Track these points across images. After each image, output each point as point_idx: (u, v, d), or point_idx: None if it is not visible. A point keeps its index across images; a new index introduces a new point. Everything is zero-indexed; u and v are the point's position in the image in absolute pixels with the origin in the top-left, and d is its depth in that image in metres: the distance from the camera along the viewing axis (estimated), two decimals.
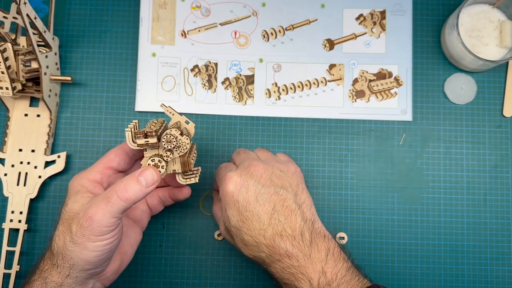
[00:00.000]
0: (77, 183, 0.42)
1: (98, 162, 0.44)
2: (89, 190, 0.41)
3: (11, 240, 0.51)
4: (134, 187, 0.38)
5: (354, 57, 0.56)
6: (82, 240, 0.37)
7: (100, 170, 0.43)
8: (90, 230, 0.37)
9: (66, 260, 0.38)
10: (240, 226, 0.41)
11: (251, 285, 0.53)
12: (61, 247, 0.38)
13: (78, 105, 0.55)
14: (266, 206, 0.41)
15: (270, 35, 0.56)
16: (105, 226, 0.37)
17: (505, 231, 0.53)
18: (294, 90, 0.55)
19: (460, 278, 0.53)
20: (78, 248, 0.38)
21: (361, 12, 0.56)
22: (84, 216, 0.37)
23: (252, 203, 0.41)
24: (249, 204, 0.41)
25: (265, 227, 0.40)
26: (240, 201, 0.41)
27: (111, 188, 0.39)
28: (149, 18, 0.56)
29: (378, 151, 0.55)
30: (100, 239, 0.38)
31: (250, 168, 0.43)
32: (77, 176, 0.43)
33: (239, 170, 0.43)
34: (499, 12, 0.53)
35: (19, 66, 0.49)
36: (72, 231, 0.38)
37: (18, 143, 0.53)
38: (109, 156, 0.44)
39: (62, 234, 0.39)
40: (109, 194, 0.38)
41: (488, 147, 0.55)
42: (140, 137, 0.39)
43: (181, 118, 0.43)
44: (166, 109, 0.43)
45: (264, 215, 0.41)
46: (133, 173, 0.39)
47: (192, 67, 0.55)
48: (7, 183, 0.52)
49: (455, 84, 0.55)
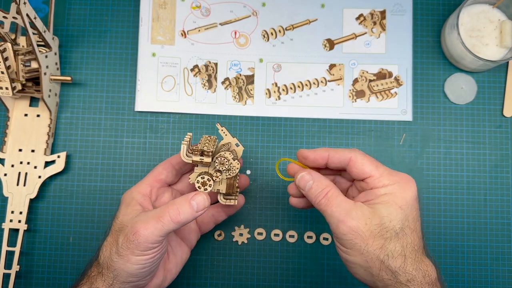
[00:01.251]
0: (128, 196, 0.43)
1: (148, 175, 0.45)
2: (139, 202, 0.42)
3: (11, 240, 0.51)
4: (186, 210, 0.39)
5: (354, 57, 0.56)
6: (126, 252, 0.38)
7: (149, 183, 0.44)
8: (136, 244, 0.38)
9: (110, 271, 0.39)
10: (406, 233, 0.37)
11: (251, 285, 0.53)
12: (106, 257, 0.40)
13: (78, 105, 0.55)
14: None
15: (270, 35, 0.56)
16: (150, 242, 0.38)
17: (505, 231, 0.53)
18: (294, 90, 0.55)
19: (460, 278, 0.53)
20: (122, 260, 0.38)
21: (361, 12, 0.56)
22: (132, 230, 0.38)
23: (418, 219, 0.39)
24: (420, 218, 0.39)
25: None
26: (418, 209, 0.39)
27: (163, 208, 0.39)
28: (149, 18, 0.56)
29: (378, 151, 0.55)
30: (143, 253, 0.38)
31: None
32: (129, 190, 0.44)
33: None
34: (499, 12, 0.53)
35: (19, 66, 0.49)
36: (118, 243, 0.39)
37: (18, 143, 0.53)
38: (158, 169, 0.45)
39: (109, 245, 0.40)
40: (161, 214, 0.39)
41: (488, 147, 0.55)
42: (196, 154, 0.41)
43: (232, 140, 0.44)
44: (220, 129, 0.44)
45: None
46: (186, 196, 0.40)
47: (192, 67, 0.55)
48: (7, 183, 0.52)
49: (455, 84, 0.55)
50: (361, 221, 0.37)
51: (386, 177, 0.38)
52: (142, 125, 0.55)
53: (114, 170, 0.54)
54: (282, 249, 0.53)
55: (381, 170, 0.39)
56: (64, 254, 0.53)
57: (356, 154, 0.40)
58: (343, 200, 0.38)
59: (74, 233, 0.53)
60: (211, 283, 0.53)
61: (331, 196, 0.39)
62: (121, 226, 0.40)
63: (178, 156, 0.45)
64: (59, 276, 0.53)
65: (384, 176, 0.38)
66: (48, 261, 0.53)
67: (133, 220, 0.39)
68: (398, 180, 0.38)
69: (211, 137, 0.44)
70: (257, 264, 0.53)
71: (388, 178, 0.38)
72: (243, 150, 0.45)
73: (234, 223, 0.53)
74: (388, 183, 0.38)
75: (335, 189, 0.39)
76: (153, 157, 0.54)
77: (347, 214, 0.37)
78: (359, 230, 0.37)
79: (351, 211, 0.37)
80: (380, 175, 0.38)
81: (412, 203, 0.38)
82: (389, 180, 0.38)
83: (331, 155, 0.40)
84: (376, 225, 0.37)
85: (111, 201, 0.54)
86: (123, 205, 0.43)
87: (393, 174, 0.39)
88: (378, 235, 0.36)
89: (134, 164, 0.54)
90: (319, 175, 0.41)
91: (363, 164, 0.39)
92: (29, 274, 0.53)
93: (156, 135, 0.55)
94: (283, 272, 0.53)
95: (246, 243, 0.53)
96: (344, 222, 0.37)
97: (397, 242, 0.37)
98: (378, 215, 0.37)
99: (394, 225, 0.37)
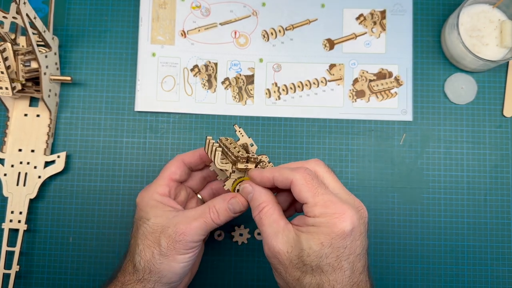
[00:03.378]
0: (150, 199, 0.43)
1: (161, 176, 0.44)
2: (166, 204, 0.42)
3: (10, 240, 0.51)
4: (225, 213, 0.40)
5: (354, 57, 0.56)
6: (172, 253, 0.39)
7: (166, 183, 0.44)
8: (182, 244, 0.39)
9: (153, 274, 0.40)
10: (325, 271, 0.35)
11: (251, 285, 0.53)
12: (148, 261, 0.40)
13: (78, 105, 0.55)
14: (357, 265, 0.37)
15: (270, 35, 0.56)
16: (195, 241, 0.40)
17: (505, 231, 0.53)
18: (294, 90, 0.55)
19: (460, 278, 0.53)
20: (167, 261, 0.39)
21: (361, 12, 0.56)
22: (177, 231, 0.39)
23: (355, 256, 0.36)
24: (351, 255, 0.36)
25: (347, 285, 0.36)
26: (347, 246, 0.35)
27: (203, 209, 0.41)
28: (149, 18, 0.56)
29: (378, 151, 0.55)
30: (188, 252, 0.40)
31: (362, 213, 0.38)
32: (146, 192, 0.44)
33: (355, 210, 0.36)
34: (499, 12, 0.53)
35: (19, 66, 0.49)
36: (161, 244, 0.39)
37: (18, 143, 0.53)
38: (170, 168, 0.45)
39: (149, 248, 0.40)
40: (202, 214, 0.40)
41: (488, 147, 0.55)
42: (243, 161, 0.40)
43: (247, 140, 0.44)
44: (238, 130, 0.44)
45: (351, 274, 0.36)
46: (224, 197, 0.41)
47: (192, 67, 0.55)
48: (7, 183, 0.52)
49: (455, 84, 0.55)
50: (284, 247, 0.36)
51: (319, 208, 0.35)
52: (142, 125, 0.55)
53: (114, 170, 0.54)
54: None
55: (318, 199, 0.36)
56: (64, 254, 0.53)
57: (297, 177, 0.37)
58: (275, 220, 0.37)
59: (74, 233, 0.53)
60: (211, 283, 0.53)
61: (265, 214, 0.38)
62: (158, 228, 0.40)
63: (191, 156, 0.45)
64: (59, 276, 0.53)
65: (317, 206, 0.35)
66: (48, 261, 0.53)
67: (173, 222, 0.40)
68: (329, 214, 0.35)
69: (230, 139, 0.43)
70: (257, 264, 0.53)
71: (321, 210, 0.35)
72: (256, 149, 0.45)
73: (234, 223, 0.53)
74: (318, 215, 0.35)
75: (271, 205, 0.38)
76: (153, 157, 0.54)
77: (274, 237, 0.36)
78: (279, 256, 0.36)
79: (278, 234, 0.36)
80: (314, 204, 0.36)
81: (337, 241, 0.35)
82: (320, 212, 0.35)
83: (275, 177, 0.38)
84: (295, 256, 0.35)
85: (111, 201, 0.54)
86: (148, 207, 0.42)
87: (328, 205, 0.35)
88: (297, 267, 0.35)
89: (134, 164, 0.54)
90: (260, 188, 0.39)
91: (301, 190, 0.36)
92: (29, 274, 0.53)
93: (156, 135, 0.55)
94: None
95: (246, 243, 0.53)
96: (268, 245, 0.37)
97: (312, 278, 0.35)
98: (299, 246, 0.35)
99: (311, 260, 0.35)
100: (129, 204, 0.54)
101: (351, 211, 0.35)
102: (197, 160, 0.45)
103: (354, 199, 0.38)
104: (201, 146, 0.54)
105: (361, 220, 0.36)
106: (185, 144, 0.55)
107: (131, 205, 0.54)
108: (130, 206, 0.54)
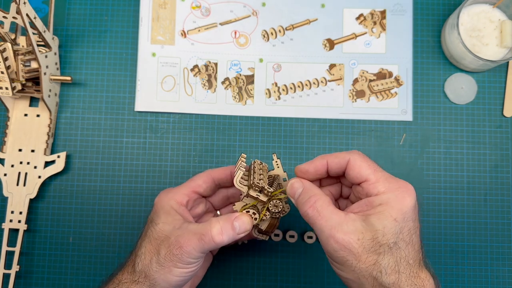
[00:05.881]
0: (166, 203, 0.42)
1: (186, 184, 0.43)
2: (179, 212, 0.41)
3: (10, 240, 0.51)
4: (229, 232, 0.38)
5: (354, 57, 0.56)
6: (168, 264, 0.38)
7: (187, 193, 0.43)
8: (179, 258, 0.38)
9: (148, 279, 0.39)
10: (400, 246, 0.35)
11: (251, 285, 0.53)
12: (146, 266, 0.39)
13: (78, 105, 0.55)
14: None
15: (270, 35, 0.56)
16: (193, 258, 0.38)
17: (505, 231, 0.53)
18: (294, 90, 0.55)
19: (460, 278, 0.53)
20: (162, 271, 0.38)
21: (361, 12, 0.56)
22: (176, 244, 0.38)
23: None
24: (417, 229, 0.36)
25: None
26: (415, 219, 0.36)
27: (206, 226, 0.38)
28: (149, 18, 0.56)
29: (378, 151, 0.55)
30: (185, 266, 0.38)
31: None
32: (165, 195, 0.42)
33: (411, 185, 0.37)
34: (499, 12, 0.53)
35: (19, 66, 0.49)
36: (160, 253, 0.38)
37: (18, 143, 0.53)
38: (197, 181, 0.43)
39: (149, 254, 0.39)
40: (204, 232, 0.38)
41: (488, 147, 0.55)
42: (256, 190, 0.39)
43: (281, 173, 0.42)
44: (275, 160, 0.42)
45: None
46: (229, 217, 0.39)
47: (192, 67, 0.55)
48: (7, 183, 0.52)
49: (455, 84, 0.55)
50: (353, 236, 0.34)
51: (382, 184, 0.36)
52: (142, 125, 0.55)
53: (114, 170, 0.54)
54: (282, 249, 0.53)
55: (378, 175, 0.36)
56: (64, 254, 0.53)
57: (355, 156, 0.37)
58: (333, 212, 0.36)
59: (74, 233, 0.53)
60: (211, 283, 0.53)
61: (320, 207, 0.36)
62: (161, 235, 0.39)
63: (222, 173, 0.44)
64: (59, 276, 0.53)
65: (380, 182, 0.36)
66: (48, 261, 0.53)
67: (176, 233, 0.39)
68: (395, 189, 0.35)
69: (264, 166, 0.42)
70: (257, 264, 0.53)
71: (384, 185, 0.36)
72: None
73: None
74: (384, 191, 0.35)
75: (325, 199, 0.37)
76: (153, 157, 0.54)
77: (337, 229, 0.35)
78: (351, 246, 0.34)
79: (342, 224, 0.35)
80: (376, 180, 0.36)
81: (408, 215, 0.35)
82: (384, 187, 0.35)
83: (329, 160, 0.38)
84: (369, 240, 0.34)
85: (111, 201, 0.54)
86: (161, 211, 0.41)
87: (390, 181, 0.36)
88: (372, 251, 0.34)
89: (134, 164, 0.54)
90: (309, 183, 0.39)
91: (361, 167, 0.37)
92: (29, 274, 0.53)
93: (156, 135, 0.55)
94: (283, 272, 0.53)
95: (246, 243, 0.53)
96: (334, 238, 0.34)
97: (390, 257, 0.34)
98: (371, 229, 0.34)
99: (388, 239, 0.34)
100: (129, 204, 0.54)
101: (410, 185, 0.36)
102: (227, 176, 0.44)
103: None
104: (201, 146, 0.55)
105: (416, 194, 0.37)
106: (185, 144, 0.55)
107: (131, 205, 0.54)
108: (130, 206, 0.54)
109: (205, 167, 0.54)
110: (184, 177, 0.54)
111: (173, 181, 0.54)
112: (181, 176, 0.54)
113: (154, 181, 0.54)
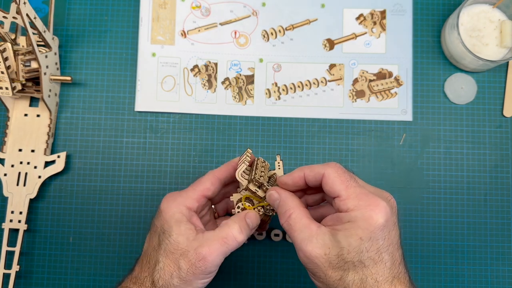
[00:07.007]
0: (176, 210, 0.40)
1: (195, 189, 0.42)
2: (190, 221, 0.40)
3: (11, 240, 0.51)
4: (247, 229, 0.39)
5: (354, 57, 0.56)
6: (191, 278, 0.38)
7: (197, 198, 0.41)
8: (202, 270, 0.37)
9: None
10: (367, 265, 0.35)
11: (251, 285, 0.53)
12: (166, 281, 0.38)
13: (78, 105, 0.55)
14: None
15: (270, 35, 0.56)
16: (216, 265, 0.38)
17: (505, 231, 0.53)
18: (294, 90, 0.55)
19: (460, 278, 0.53)
20: (184, 285, 0.38)
21: (361, 12, 0.56)
22: (198, 256, 0.37)
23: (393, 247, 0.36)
24: (390, 246, 0.35)
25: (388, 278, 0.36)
26: (386, 238, 0.35)
27: (225, 230, 0.39)
28: (149, 18, 0.56)
29: (378, 151, 0.55)
30: (207, 276, 0.39)
31: (392, 203, 0.37)
32: (173, 201, 0.41)
33: (385, 201, 0.36)
34: (499, 12, 0.53)
35: (19, 66, 0.49)
36: (181, 267, 0.38)
37: (18, 143, 0.53)
38: (205, 184, 0.42)
39: (168, 268, 0.38)
40: (224, 235, 0.38)
41: (488, 147, 0.55)
42: (256, 184, 0.40)
43: (281, 174, 0.43)
44: (278, 161, 0.43)
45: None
46: (241, 215, 0.40)
47: (192, 67, 0.55)
48: (7, 183, 0.52)
49: (455, 84, 0.55)
50: (320, 251, 0.35)
51: (352, 201, 0.35)
52: (142, 125, 0.55)
53: (114, 170, 0.54)
54: (282, 249, 0.53)
55: (350, 191, 0.36)
56: (64, 254, 0.53)
57: (329, 171, 0.37)
58: (306, 225, 0.36)
59: (74, 233, 0.53)
60: (211, 283, 0.53)
61: (294, 219, 0.37)
62: (178, 248, 0.38)
63: (226, 171, 0.43)
64: (59, 276, 0.53)
65: (350, 199, 0.35)
66: (48, 261, 0.53)
67: (193, 245, 0.38)
68: (364, 207, 0.35)
69: (266, 164, 0.43)
70: (257, 264, 0.53)
71: (354, 203, 0.35)
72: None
73: None
74: (353, 209, 0.35)
75: (300, 211, 0.37)
76: (153, 157, 0.54)
77: (307, 242, 0.35)
78: (317, 260, 0.35)
79: (311, 238, 0.35)
80: (347, 197, 0.36)
81: (376, 234, 0.34)
82: (353, 205, 0.35)
83: (306, 173, 0.38)
84: (335, 255, 0.35)
85: (111, 201, 0.54)
86: (172, 219, 0.40)
87: (361, 197, 0.35)
88: (337, 266, 0.35)
89: (134, 164, 0.54)
90: (287, 194, 0.39)
91: (334, 182, 0.36)
92: (29, 274, 0.53)
93: (156, 135, 0.55)
94: (283, 272, 0.53)
95: (246, 243, 0.53)
96: (303, 251, 0.35)
97: (355, 274, 0.35)
98: (337, 245, 0.35)
99: (353, 257, 0.34)
100: (129, 204, 0.54)
101: (383, 202, 0.35)
102: (231, 172, 0.43)
103: (381, 190, 0.38)
104: (201, 146, 0.55)
105: (393, 210, 0.36)
106: (185, 144, 0.55)
107: (131, 205, 0.54)
108: (130, 206, 0.54)
109: (205, 167, 0.54)
110: (184, 177, 0.54)
111: (173, 181, 0.54)
112: (181, 176, 0.54)
113: (154, 181, 0.54)
